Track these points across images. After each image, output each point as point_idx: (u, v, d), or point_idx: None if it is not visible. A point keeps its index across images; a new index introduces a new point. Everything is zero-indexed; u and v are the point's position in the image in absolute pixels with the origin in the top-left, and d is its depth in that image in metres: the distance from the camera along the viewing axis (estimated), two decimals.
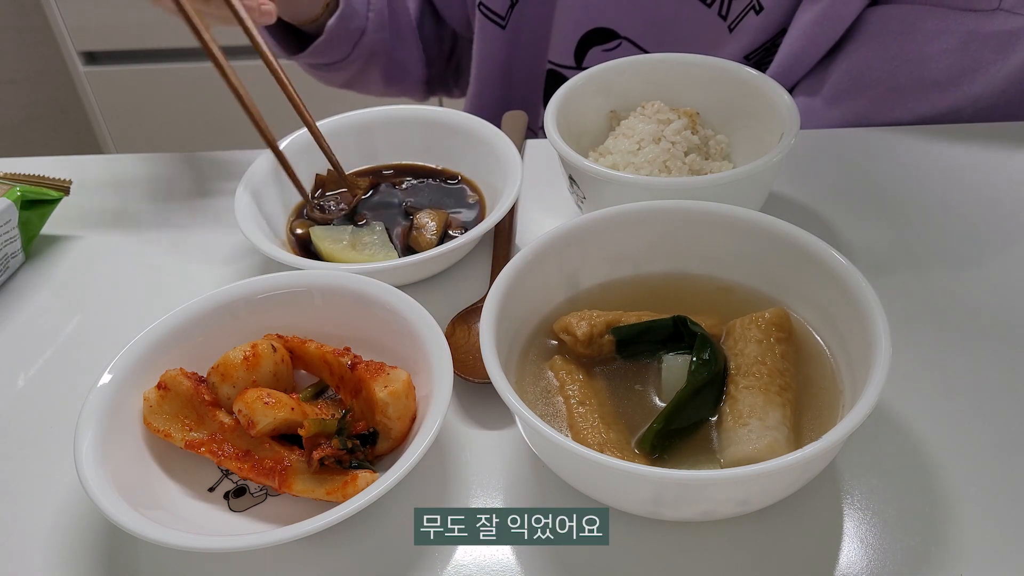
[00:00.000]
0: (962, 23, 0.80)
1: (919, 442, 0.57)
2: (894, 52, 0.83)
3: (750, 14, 0.89)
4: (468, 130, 0.79)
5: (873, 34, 0.84)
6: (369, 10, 1.01)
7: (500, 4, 1.00)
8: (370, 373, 0.56)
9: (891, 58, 0.84)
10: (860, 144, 0.84)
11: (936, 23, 0.81)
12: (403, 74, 1.11)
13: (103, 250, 0.80)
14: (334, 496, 0.52)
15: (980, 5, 0.79)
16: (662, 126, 0.73)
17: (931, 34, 0.81)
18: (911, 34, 0.82)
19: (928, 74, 0.83)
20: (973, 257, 0.71)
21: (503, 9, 1.00)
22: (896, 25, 0.83)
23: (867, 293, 0.54)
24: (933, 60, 0.82)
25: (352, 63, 1.04)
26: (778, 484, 0.49)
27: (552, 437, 0.48)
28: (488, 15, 1.01)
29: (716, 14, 0.90)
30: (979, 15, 0.79)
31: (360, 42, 1.01)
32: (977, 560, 0.51)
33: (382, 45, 1.04)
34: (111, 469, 0.53)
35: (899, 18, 0.83)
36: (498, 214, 0.70)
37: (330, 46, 0.99)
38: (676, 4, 0.92)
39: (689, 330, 0.57)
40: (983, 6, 0.79)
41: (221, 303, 0.62)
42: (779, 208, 0.76)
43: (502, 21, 1.00)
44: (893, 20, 0.83)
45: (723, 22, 0.91)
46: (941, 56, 0.82)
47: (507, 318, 0.57)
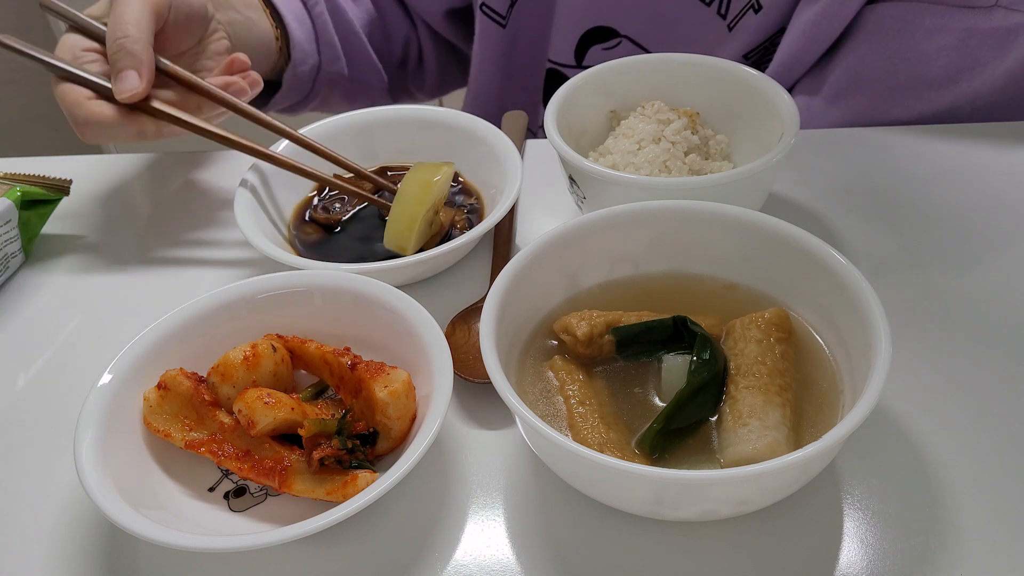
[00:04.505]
0: (960, 20, 0.80)
1: (919, 442, 0.57)
2: (892, 50, 0.83)
3: (749, 13, 0.89)
4: (468, 130, 0.79)
5: (871, 32, 0.84)
6: (319, 45, 1.00)
7: (501, 3, 1.00)
8: (370, 373, 0.56)
9: (890, 56, 0.84)
10: (860, 144, 0.84)
11: (934, 20, 0.81)
12: (365, 89, 1.11)
13: (103, 250, 0.80)
14: (334, 496, 0.52)
15: (978, 2, 0.79)
16: (662, 126, 0.73)
17: (929, 32, 0.81)
18: (909, 32, 0.82)
19: (927, 72, 0.83)
20: (973, 257, 0.71)
21: (503, 8, 1.00)
22: (894, 23, 0.83)
23: (867, 293, 0.54)
24: (931, 58, 0.82)
25: (314, 98, 1.05)
26: (778, 484, 0.49)
27: (552, 437, 0.48)
28: (489, 14, 1.01)
29: (715, 13, 0.90)
30: (977, 12, 0.79)
31: (317, 78, 1.01)
32: (977, 560, 0.51)
33: (339, 74, 1.04)
34: (111, 469, 0.53)
35: (897, 16, 0.82)
36: (498, 214, 0.69)
37: (290, 92, 0.99)
38: (676, 2, 0.92)
39: (689, 330, 0.57)
40: (981, 3, 0.79)
41: (221, 303, 0.62)
42: (779, 208, 0.76)
43: (503, 20, 1.00)
44: (891, 18, 0.83)
45: (722, 20, 0.91)
46: (939, 54, 0.82)
47: (507, 318, 0.57)
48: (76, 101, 0.73)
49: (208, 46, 0.83)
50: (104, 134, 0.73)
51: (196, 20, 0.80)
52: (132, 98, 0.72)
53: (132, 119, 0.73)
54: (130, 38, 0.72)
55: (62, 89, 0.73)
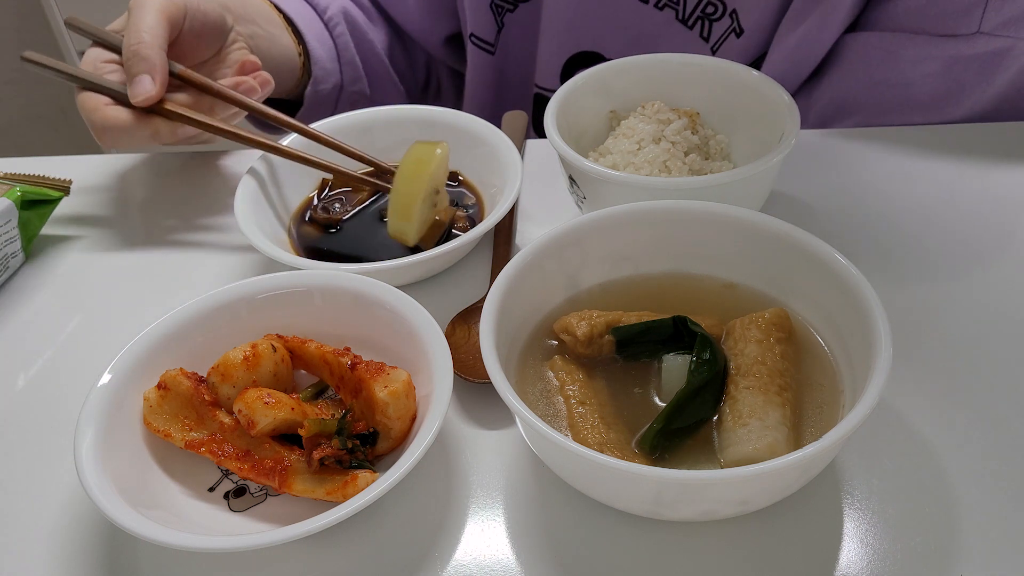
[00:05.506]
0: (943, 48, 0.80)
1: (919, 442, 0.57)
2: (878, 78, 0.84)
3: (731, 36, 0.90)
4: (468, 130, 0.79)
5: (855, 62, 0.85)
6: (341, 65, 1.01)
7: (488, 31, 1.01)
8: (370, 373, 0.56)
9: (875, 84, 0.85)
10: (860, 144, 0.84)
11: (916, 50, 0.81)
12: None
13: (103, 250, 0.80)
14: (334, 496, 0.52)
15: (960, 29, 0.79)
16: (662, 126, 0.73)
17: (913, 61, 0.82)
18: (893, 61, 0.83)
19: (913, 97, 0.84)
20: (974, 256, 0.71)
21: (491, 36, 1.01)
22: (877, 53, 0.84)
23: (867, 293, 0.54)
24: (917, 84, 0.83)
25: None
26: (778, 484, 0.49)
27: (552, 437, 0.48)
28: (478, 44, 1.02)
29: (698, 35, 0.91)
30: (959, 39, 0.79)
31: (340, 98, 1.02)
32: (977, 560, 0.51)
33: (360, 94, 1.05)
34: (111, 469, 0.53)
35: (879, 46, 0.83)
36: (498, 214, 0.70)
37: (312, 110, 1.00)
38: (658, 25, 0.93)
39: (689, 330, 0.57)
40: (963, 30, 0.79)
41: (221, 303, 0.62)
42: (779, 208, 0.76)
43: (491, 48, 1.02)
44: (874, 48, 0.84)
45: (705, 43, 0.92)
46: (924, 80, 0.83)
47: (507, 318, 0.57)
48: (94, 107, 0.75)
49: (228, 56, 0.84)
50: (121, 138, 0.75)
51: (212, 29, 0.81)
52: (146, 101, 0.74)
53: (147, 122, 0.75)
54: (144, 44, 0.74)
55: (82, 97, 0.76)
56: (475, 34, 1.02)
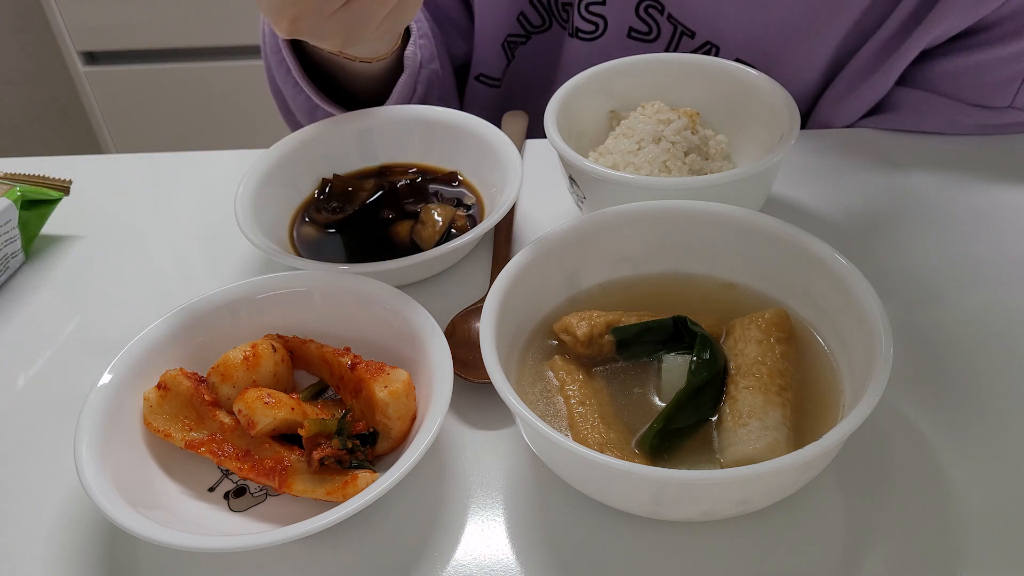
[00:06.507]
0: (973, 116, 0.81)
1: (919, 442, 0.57)
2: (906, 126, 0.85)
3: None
4: (468, 130, 0.79)
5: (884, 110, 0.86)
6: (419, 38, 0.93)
7: (497, 69, 1.00)
8: (370, 373, 0.56)
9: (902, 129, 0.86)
10: (860, 144, 0.84)
11: (949, 115, 0.82)
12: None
13: (103, 250, 0.80)
14: (334, 496, 0.52)
15: (993, 102, 0.80)
16: (662, 126, 0.73)
17: (942, 121, 0.83)
18: (922, 117, 0.83)
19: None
20: (974, 256, 0.71)
21: (499, 72, 1.00)
22: (908, 108, 0.84)
23: (867, 293, 0.54)
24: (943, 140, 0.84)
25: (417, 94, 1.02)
26: (778, 484, 0.49)
27: (552, 437, 0.48)
28: (486, 82, 1.01)
29: None
30: (991, 111, 0.81)
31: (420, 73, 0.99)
32: (977, 560, 0.51)
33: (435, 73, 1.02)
34: (111, 469, 0.53)
35: (912, 102, 0.84)
36: (498, 214, 0.69)
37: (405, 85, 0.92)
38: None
39: (689, 330, 0.57)
40: (996, 103, 0.80)
41: (221, 303, 0.62)
42: (779, 208, 0.76)
43: (498, 83, 1.01)
44: (905, 103, 0.84)
45: None
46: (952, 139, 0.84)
47: (507, 318, 0.57)
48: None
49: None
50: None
51: None
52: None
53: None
54: None
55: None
56: (484, 74, 1.01)
